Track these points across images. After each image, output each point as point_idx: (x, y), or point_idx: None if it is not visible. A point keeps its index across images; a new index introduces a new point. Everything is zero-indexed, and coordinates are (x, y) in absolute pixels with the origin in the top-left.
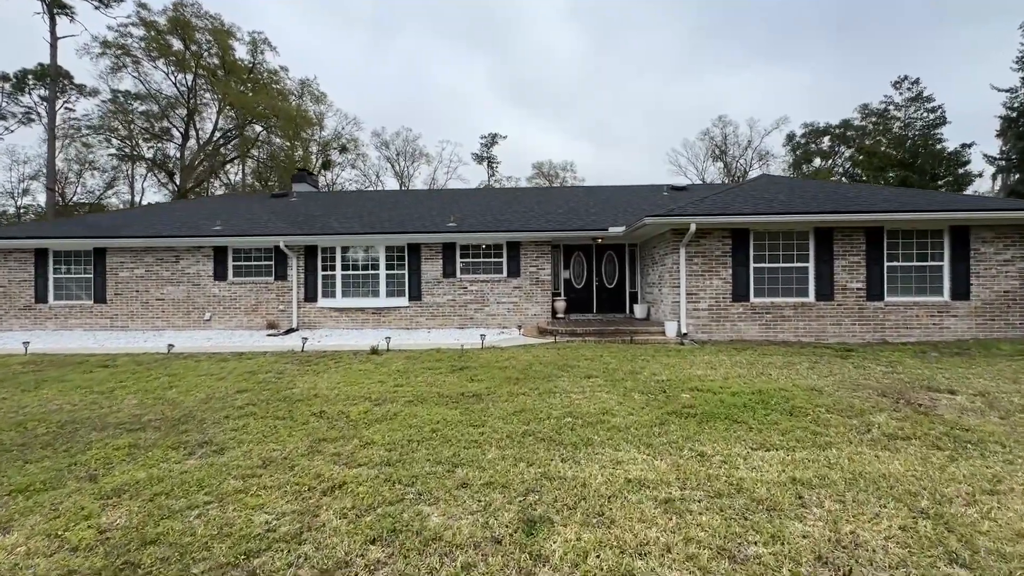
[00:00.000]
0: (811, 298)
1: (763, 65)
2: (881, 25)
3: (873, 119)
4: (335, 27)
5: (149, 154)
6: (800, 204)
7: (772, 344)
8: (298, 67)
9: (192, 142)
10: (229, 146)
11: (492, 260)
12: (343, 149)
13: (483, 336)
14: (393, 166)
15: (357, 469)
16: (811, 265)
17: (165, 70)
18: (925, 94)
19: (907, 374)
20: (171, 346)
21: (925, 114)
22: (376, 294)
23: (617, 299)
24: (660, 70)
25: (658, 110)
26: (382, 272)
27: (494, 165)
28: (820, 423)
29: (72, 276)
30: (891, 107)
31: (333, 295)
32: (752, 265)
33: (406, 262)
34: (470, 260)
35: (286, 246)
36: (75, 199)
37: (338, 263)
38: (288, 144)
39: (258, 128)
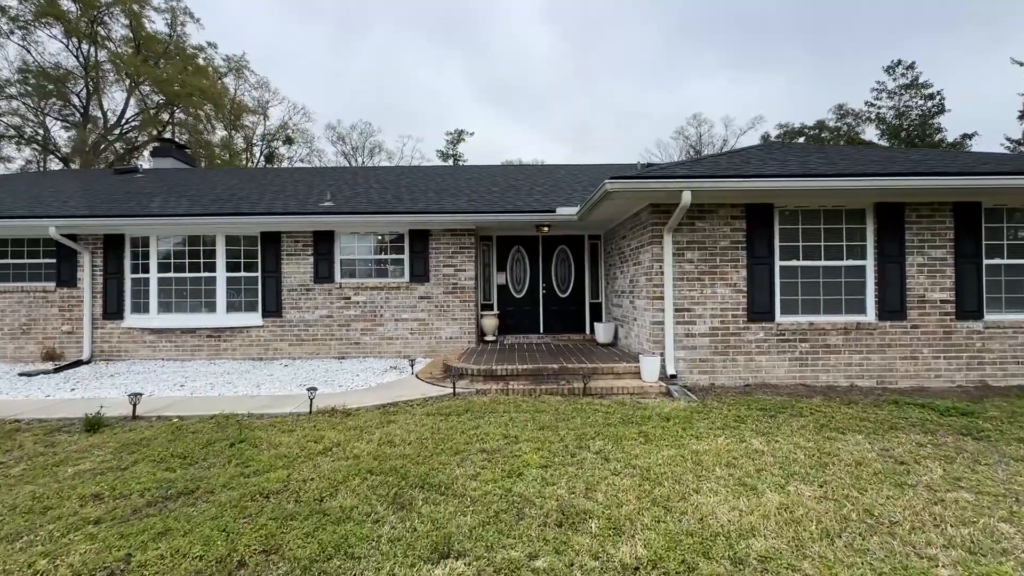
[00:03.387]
0: (870, 316)
1: (753, 67)
2: (877, 25)
3: (849, 119)
4: (304, 24)
5: (40, 136)
6: (851, 166)
7: (815, 392)
8: (269, 66)
9: (105, 125)
10: (141, 131)
11: (389, 257)
12: (288, 140)
13: (312, 392)
14: (349, 162)
15: None
16: (870, 263)
17: (64, 41)
18: (921, 80)
19: None
20: None
21: (921, 102)
22: (212, 308)
23: (573, 313)
24: (646, 73)
25: (644, 113)
26: (220, 275)
27: (460, 163)
28: None
29: None
30: (883, 95)
31: (146, 309)
32: (778, 263)
33: (259, 260)
34: (356, 257)
35: (66, 235)
36: None
37: (153, 262)
38: (214, 130)
39: (187, 113)
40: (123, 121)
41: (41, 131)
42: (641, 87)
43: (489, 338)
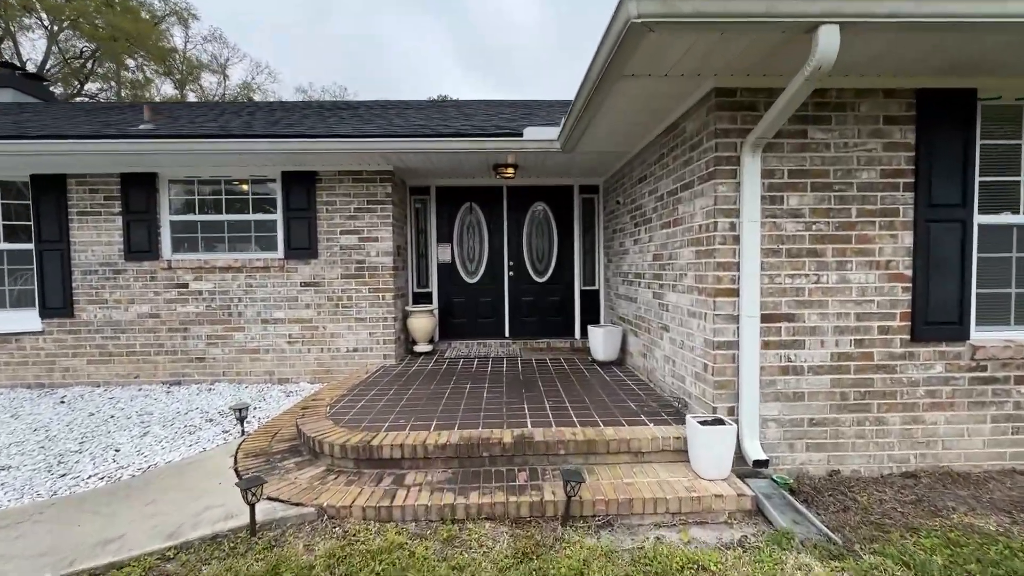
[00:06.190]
0: None
1: None
2: None
3: None
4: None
5: None
6: None
7: None
8: (236, 29)
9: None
10: (65, 85)
11: (251, 219)
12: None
13: None
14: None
15: None
16: None
17: None
18: None
19: None
20: None
21: None
22: None
23: (555, 308)
24: None
25: None
26: None
27: None
28: None
29: None
30: None
31: None
32: (976, 218)
33: (33, 223)
34: (197, 219)
35: None
36: None
37: None
38: (150, 82)
39: (112, 60)
40: (44, 70)
41: None
42: None
43: (422, 348)
